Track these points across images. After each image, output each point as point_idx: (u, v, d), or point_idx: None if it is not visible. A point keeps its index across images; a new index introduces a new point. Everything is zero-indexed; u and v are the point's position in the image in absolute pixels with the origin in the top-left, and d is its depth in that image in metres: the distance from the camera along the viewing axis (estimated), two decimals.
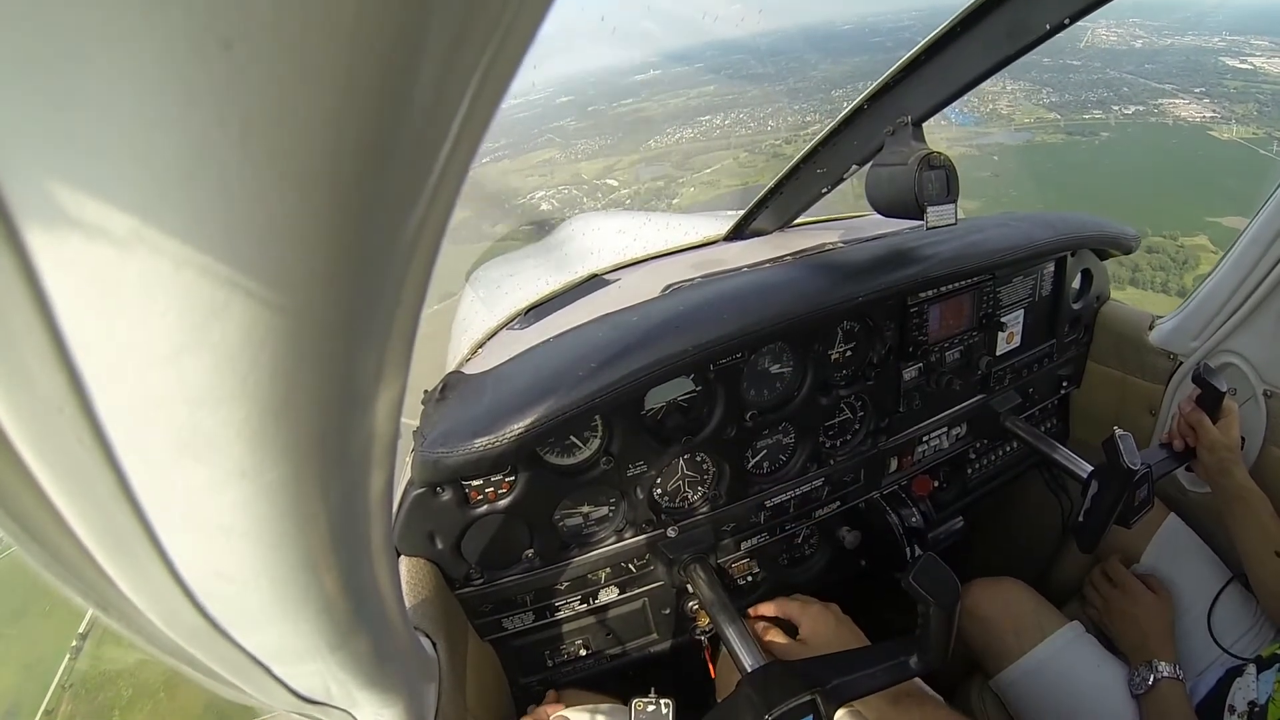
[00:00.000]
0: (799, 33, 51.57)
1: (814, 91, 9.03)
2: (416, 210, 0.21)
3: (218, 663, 0.34)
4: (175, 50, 0.14)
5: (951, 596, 0.69)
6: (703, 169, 31.94)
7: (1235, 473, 1.05)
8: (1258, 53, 34.63)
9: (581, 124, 32.65)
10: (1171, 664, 1.02)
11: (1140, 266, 21.76)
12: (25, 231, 0.15)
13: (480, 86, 0.19)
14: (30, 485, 0.20)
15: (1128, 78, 32.62)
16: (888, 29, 12.55)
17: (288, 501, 0.25)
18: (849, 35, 13.06)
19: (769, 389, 1.07)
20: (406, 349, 0.28)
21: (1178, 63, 35.35)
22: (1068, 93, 32.50)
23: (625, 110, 34.64)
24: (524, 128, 18.88)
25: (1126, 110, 29.33)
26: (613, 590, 1.08)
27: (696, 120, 32.65)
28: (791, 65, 36.05)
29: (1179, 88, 31.32)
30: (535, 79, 27.92)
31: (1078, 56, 36.81)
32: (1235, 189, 24.47)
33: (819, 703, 0.71)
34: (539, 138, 30.87)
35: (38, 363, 0.17)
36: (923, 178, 0.92)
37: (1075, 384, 1.47)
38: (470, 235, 2.64)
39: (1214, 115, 27.94)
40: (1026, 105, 30.29)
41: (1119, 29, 39.57)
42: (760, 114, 25.95)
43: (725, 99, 25.60)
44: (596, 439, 0.96)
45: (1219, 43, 36.46)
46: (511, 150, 11.68)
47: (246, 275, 0.18)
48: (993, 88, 28.83)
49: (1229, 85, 31.58)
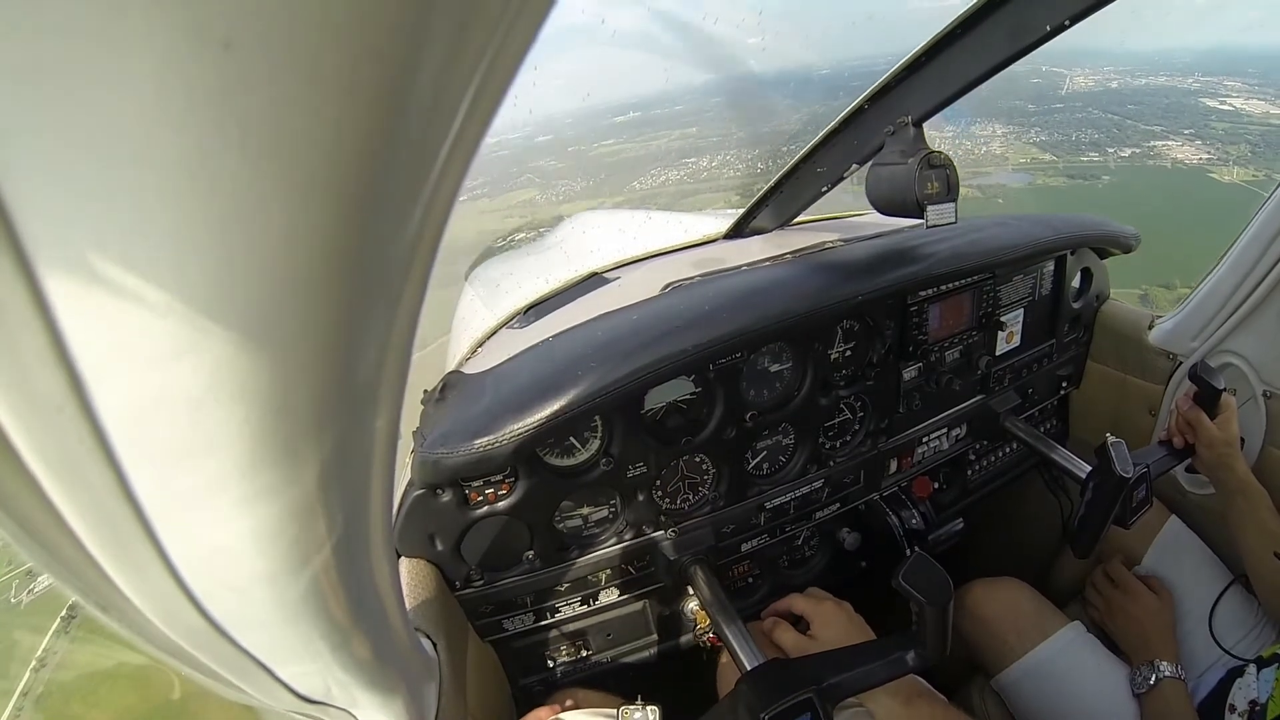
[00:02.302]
0: (774, 79, 51.44)
1: (801, 133, 8.96)
2: (416, 210, 0.21)
3: (218, 663, 0.34)
4: (175, 50, 0.14)
5: (943, 595, 0.69)
6: (694, 211, 31.80)
7: (1236, 467, 1.05)
8: (1233, 94, 35.44)
9: (562, 164, 32.24)
10: (1173, 664, 1.02)
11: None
12: (25, 231, 0.15)
13: (481, 86, 0.19)
14: (30, 485, 0.20)
15: (1114, 118, 32.98)
16: (866, 73, 12.71)
17: (288, 503, 0.25)
18: (826, 80, 12.81)
19: (769, 389, 1.07)
20: (406, 349, 0.28)
21: (1160, 104, 35.98)
22: (1057, 132, 32.88)
23: (606, 151, 34.28)
24: (502, 166, 18.48)
25: (1123, 152, 29.51)
26: (613, 592, 1.08)
27: (682, 162, 32.27)
28: (775, 108, 36.03)
29: (1168, 129, 31.77)
30: (514, 117, 27.72)
31: (1060, 101, 37.46)
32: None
33: (815, 701, 0.71)
34: (519, 177, 30.51)
35: (38, 363, 0.17)
36: (922, 177, 0.92)
37: (1075, 384, 1.47)
38: (448, 278, 2.48)
39: (1210, 157, 28.07)
40: (1019, 145, 30.41)
41: (1095, 74, 40.57)
42: (748, 155, 25.71)
43: (710, 141, 25.35)
44: (596, 440, 0.96)
45: (1194, 84, 37.37)
46: (490, 189, 11.40)
47: (246, 275, 0.18)
48: (983, 131, 28.92)
49: (1217, 127, 31.93)
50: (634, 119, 47.25)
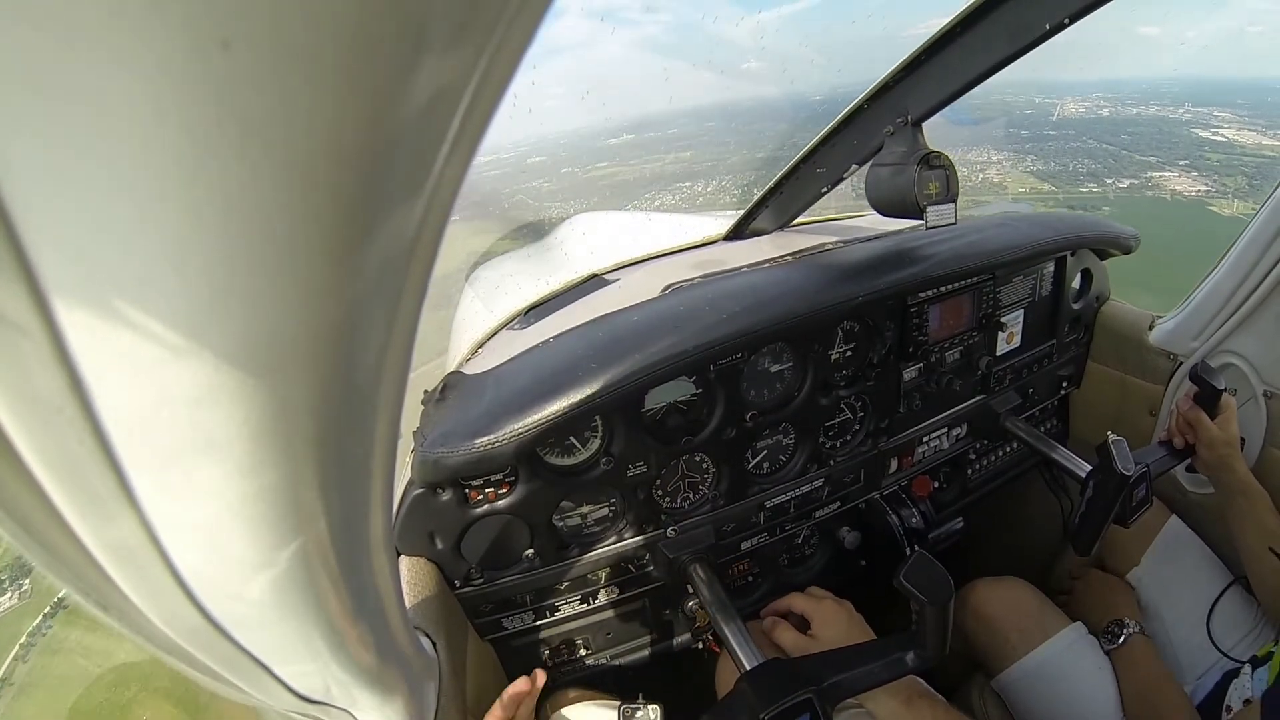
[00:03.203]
0: (770, 104, 50.85)
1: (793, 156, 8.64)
2: (416, 209, 0.21)
3: (218, 662, 0.34)
4: (174, 50, 0.14)
5: (944, 594, 0.69)
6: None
7: (1236, 467, 1.06)
8: (1224, 124, 35.25)
9: (555, 186, 31.83)
10: (1137, 623, 1.09)
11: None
12: (25, 231, 0.15)
13: (480, 85, 0.19)
14: (30, 485, 0.20)
15: (1109, 148, 32.83)
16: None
17: (288, 502, 0.25)
18: (822, 106, 12.72)
19: (769, 389, 1.07)
20: (406, 349, 0.28)
21: (1152, 134, 35.70)
22: (1054, 161, 32.66)
23: (600, 174, 33.78)
24: (494, 186, 18.19)
25: (1121, 184, 29.11)
26: (613, 590, 1.08)
27: (676, 187, 31.90)
28: (770, 133, 35.55)
29: (1163, 160, 31.48)
30: (502, 140, 27.21)
31: (1052, 128, 37.42)
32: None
33: (815, 701, 0.71)
34: (511, 197, 30.29)
35: (38, 363, 0.17)
36: (922, 177, 0.92)
37: (1075, 384, 1.47)
38: (443, 301, 2.34)
39: (1208, 189, 27.74)
40: (1015, 173, 30.19)
41: (1085, 102, 40.54)
42: (744, 180, 25.60)
43: (705, 165, 25.06)
44: (596, 439, 0.96)
45: (1185, 114, 37.14)
46: (479, 211, 11.35)
47: (246, 275, 0.18)
48: (978, 158, 28.67)
49: (1211, 158, 31.60)
50: (628, 141, 46.76)
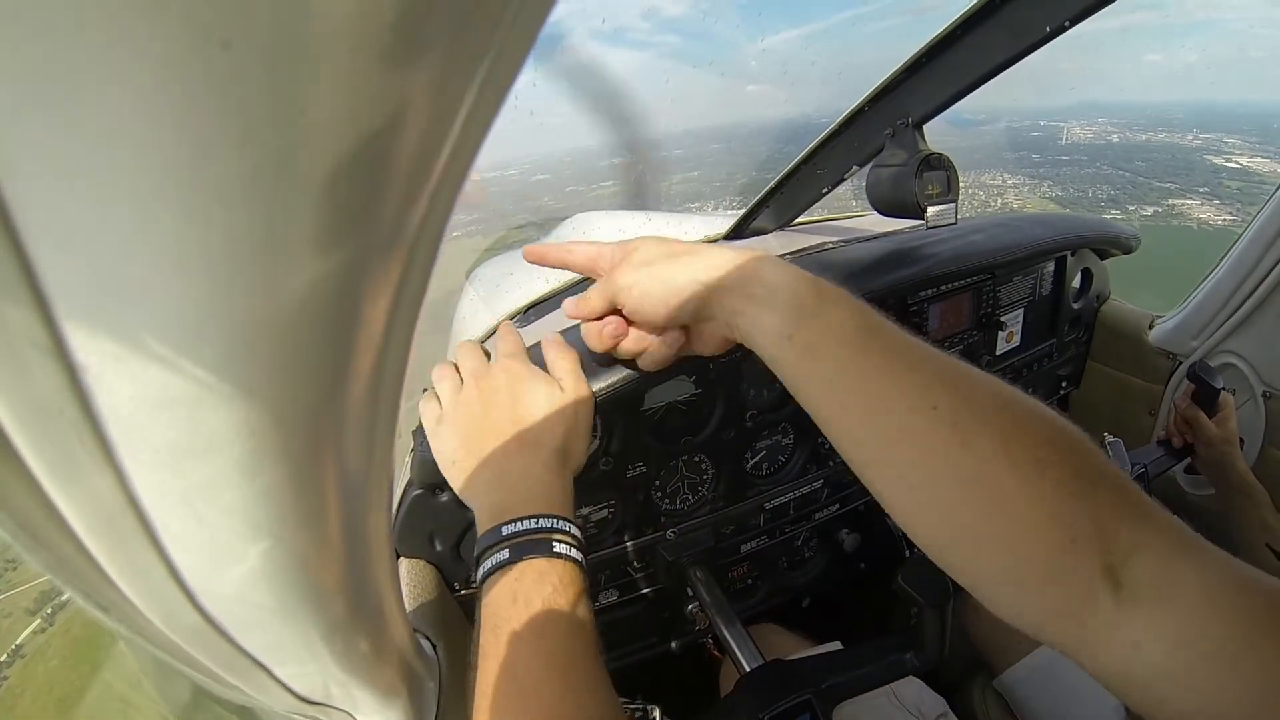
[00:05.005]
0: (775, 126, 50.41)
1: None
2: (417, 210, 0.21)
3: (217, 663, 0.34)
4: (175, 50, 0.13)
5: (942, 596, 0.69)
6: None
7: (1236, 465, 1.06)
8: (1236, 151, 34.85)
9: (560, 204, 31.67)
10: None
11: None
12: (24, 231, 0.15)
13: (482, 85, 0.19)
14: (30, 485, 0.20)
15: (1124, 174, 32.49)
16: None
17: (288, 502, 0.25)
18: (826, 127, 12.51)
19: (769, 389, 1.07)
20: (405, 349, 0.28)
21: (1165, 160, 35.12)
22: (1072, 187, 32.21)
23: (606, 193, 33.95)
24: (498, 203, 17.71)
25: (1145, 210, 28.58)
26: (612, 593, 1.08)
27: (685, 207, 31.83)
28: (776, 155, 36.01)
29: (1182, 187, 30.94)
30: (506, 156, 26.19)
31: (1062, 152, 37.04)
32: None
33: (814, 702, 0.71)
34: (514, 216, 30.06)
35: (38, 363, 0.17)
36: (923, 178, 0.92)
37: (1075, 384, 1.47)
38: (442, 325, 2.16)
39: (1232, 219, 27.31)
40: (1033, 198, 29.87)
41: (1092, 127, 40.15)
42: (751, 201, 25.87)
43: (713, 186, 24.97)
44: (596, 439, 0.96)
45: (1195, 140, 36.67)
46: (485, 227, 10.92)
47: (245, 274, 0.18)
48: (993, 181, 28.32)
49: (1230, 185, 31.09)
50: (634, 161, 47.04)
